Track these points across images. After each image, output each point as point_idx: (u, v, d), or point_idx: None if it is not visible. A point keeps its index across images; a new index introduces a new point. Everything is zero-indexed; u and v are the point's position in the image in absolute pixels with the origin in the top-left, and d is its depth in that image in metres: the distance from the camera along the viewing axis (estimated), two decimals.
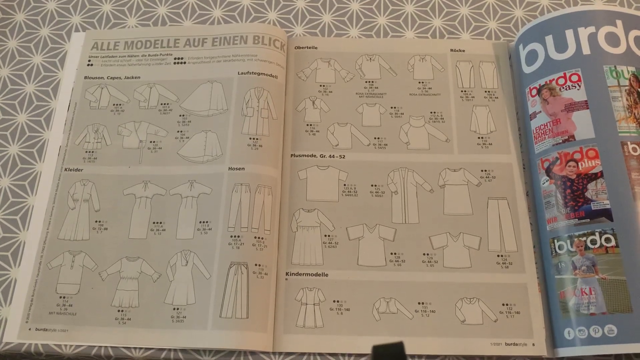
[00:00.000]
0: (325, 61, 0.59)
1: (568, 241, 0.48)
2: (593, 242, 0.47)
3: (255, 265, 0.49)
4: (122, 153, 0.55)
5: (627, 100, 0.51)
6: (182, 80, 0.58)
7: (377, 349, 0.33)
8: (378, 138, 0.56)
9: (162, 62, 0.59)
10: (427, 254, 0.51)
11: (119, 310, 0.49)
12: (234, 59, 0.57)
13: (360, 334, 0.49)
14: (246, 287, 0.48)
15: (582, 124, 0.51)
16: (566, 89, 0.52)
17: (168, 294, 0.50)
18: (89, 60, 0.60)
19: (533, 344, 0.48)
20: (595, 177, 0.49)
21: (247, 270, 0.49)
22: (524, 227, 0.52)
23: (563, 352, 0.47)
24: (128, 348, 0.49)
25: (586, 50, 0.53)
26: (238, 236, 0.50)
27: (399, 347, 0.33)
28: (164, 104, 0.57)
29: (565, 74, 0.53)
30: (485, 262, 0.51)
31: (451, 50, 0.59)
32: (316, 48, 0.60)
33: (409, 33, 0.61)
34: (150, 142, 0.55)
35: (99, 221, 0.53)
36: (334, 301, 0.50)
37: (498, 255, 0.51)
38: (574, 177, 0.50)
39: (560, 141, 0.51)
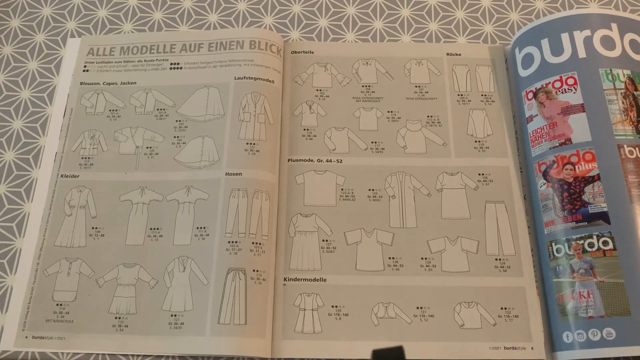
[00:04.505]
0: (321, 65, 0.59)
1: (566, 244, 0.48)
2: (591, 245, 0.47)
3: (253, 270, 0.49)
4: (119, 159, 0.55)
5: (622, 103, 0.51)
6: (178, 86, 0.58)
7: (376, 353, 0.33)
8: (375, 142, 0.56)
9: (158, 68, 0.59)
10: (425, 258, 0.51)
11: (116, 317, 0.49)
12: (231, 64, 0.57)
13: (359, 339, 0.49)
14: (244, 292, 0.48)
15: (579, 127, 0.51)
16: (562, 92, 0.52)
17: (165, 300, 0.49)
18: (85, 66, 0.59)
19: (532, 348, 0.48)
20: (592, 180, 0.49)
21: (245, 276, 0.49)
22: (522, 231, 0.52)
23: (562, 355, 0.47)
24: (126, 355, 0.48)
25: (582, 53, 0.53)
26: (236, 242, 0.50)
27: (398, 351, 0.33)
28: (160, 109, 0.57)
29: (561, 77, 0.53)
30: (484, 266, 0.51)
31: (447, 54, 0.59)
32: (312, 52, 0.60)
33: (405, 37, 0.61)
34: (147, 147, 0.55)
35: (96, 228, 0.52)
36: (333, 306, 0.50)
37: (496, 259, 0.51)
38: (571, 180, 0.50)
39: (557, 144, 0.51)
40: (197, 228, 0.51)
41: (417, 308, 0.49)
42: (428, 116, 0.57)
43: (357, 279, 0.51)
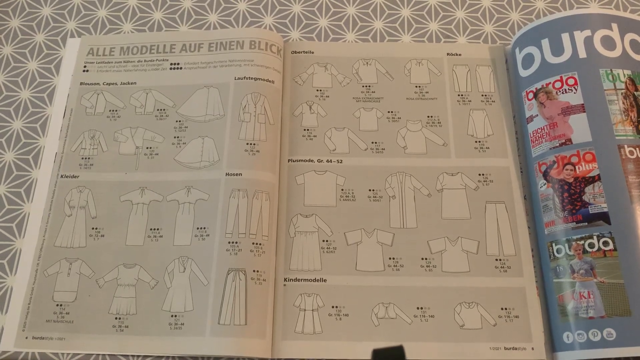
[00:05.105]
0: (321, 66, 0.59)
1: (566, 245, 0.48)
2: (591, 245, 0.47)
3: (254, 271, 0.49)
4: (119, 159, 0.55)
5: (623, 103, 0.51)
6: (178, 86, 0.57)
7: (377, 352, 0.33)
8: (375, 142, 0.56)
9: (158, 68, 0.59)
10: (426, 259, 0.51)
11: (116, 318, 0.49)
12: (231, 64, 0.57)
13: (359, 339, 0.49)
14: (244, 293, 0.48)
15: (579, 128, 0.51)
16: (563, 93, 0.52)
17: (166, 300, 0.49)
18: (85, 66, 0.59)
19: (532, 348, 0.48)
20: (592, 180, 0.49)
21: (245, 277, 0.49)
22: (522, 231, 0.52)
23: (562, 356, 0.47)
24: (126, 356, 0.48)
25: (582, 53, 0.53)
26: (236, 242, 0.50)
27: (399, 350, 0.33)
28: (160, 109, 0.57)
29: (561, 77, 0.53)
30: (484, 267, 0.51)
31: (447, 54, 0.59)
32: (313, 52, 0.60)
33: (406, 37, 0.61)
34: (147, 148, 0.55)
35: (96, 228, 0.52)
36: (333, 307, 0.50)
37: (496, 259, 0.51)
38: (571, 180, 0.50)
39: (557, 145, 0.51)
40: (197, 228, 0.51)
41: (418, 308, 0.49)
42: (428, 116, 0.57)
43: (357, 279, 0.51)
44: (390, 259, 0.51)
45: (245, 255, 0.49)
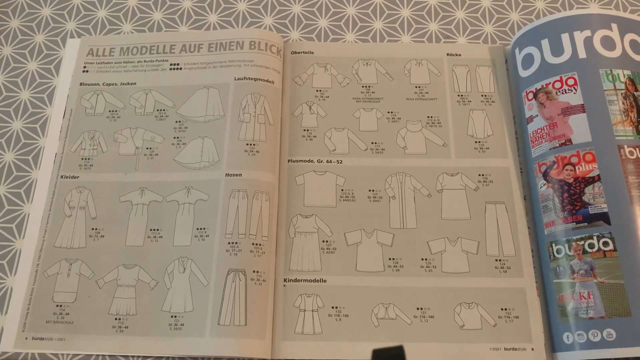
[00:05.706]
0: (321, 66, 0.59)
1: (566, 245, 0.48)
2: (591, 246, 0.47)
3: (253, 271, 0.49)
4: (118, 160, 0.55)
5: (623, 103, 0.51)
6: (178, 86, 0.57)
7: (377, 353, 0.33)
8: (375, 143, 0.56)
9: (158, 68, 0.59)
10: (426, 259, 0.51)
11: (116, 319, 0.49)
12: (230, 64, 0.57)
13: (359, 340, 0.49)
14: (244, 293, 0.48)
15: (579, 128, 0.51)
16: (562, 93, 0.52)
17: (165, 301, 0.49)
18: (85, 67, 0.59)
19: (532, 349, 0.48)
20: (592, 180, 0.49)
21: (245, 277, 0.49)
22: (522, 232, 0.52)
23: (562, 356, 0.47)
24: (125, 356, 0.48)
25: (582, 54, 0.53)
26: (236, 243, 0.50)
27: (398, 350, 0.33)
28: (160, 110, 0.57)
29: (561, 77, 0.53)
30: (484, 267, 0.51)
31: (447, 54, 0.59)
32: (312, 53, 0.60)
33: (405, 37, 0.61)
34: (147, 148, 0.55)
35: (96, 229, 0.52)
36: (333, 307, 0.50)
37: (496, 260, 0.51)
38: (571, 181, 0.50)
39: (557, 145, 0.51)
40: (197, 229, 0.51)
41: (417, 309, 0.49)
42: (428, 117, 0.57)
43: (357, 279, 0.51)
44: (390, 259, 0.51)
45: (245, 256, 0.49)
